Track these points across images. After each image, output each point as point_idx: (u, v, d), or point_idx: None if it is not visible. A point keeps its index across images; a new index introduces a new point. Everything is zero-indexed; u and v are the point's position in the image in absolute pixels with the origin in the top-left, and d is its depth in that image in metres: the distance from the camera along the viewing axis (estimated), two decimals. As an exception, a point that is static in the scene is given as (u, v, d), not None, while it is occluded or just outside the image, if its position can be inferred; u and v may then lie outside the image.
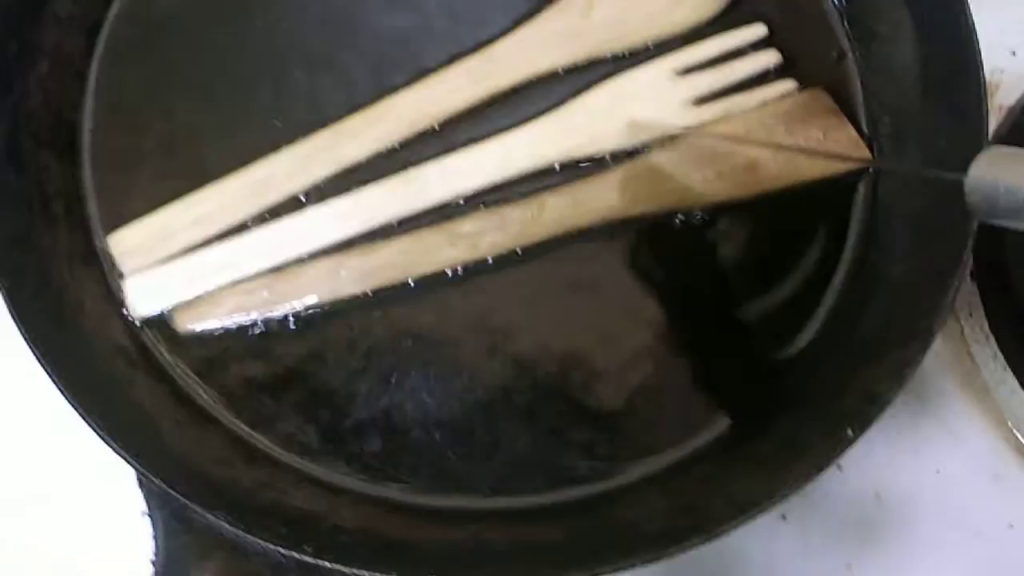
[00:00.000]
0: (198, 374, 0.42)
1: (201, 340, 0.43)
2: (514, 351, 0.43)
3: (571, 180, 0.44)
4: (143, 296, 0.43)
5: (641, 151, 0.45)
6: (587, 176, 0.45)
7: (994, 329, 0.47)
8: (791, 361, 0.43)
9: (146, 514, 0.39)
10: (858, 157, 0.45)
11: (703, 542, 0.36)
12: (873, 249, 0.45)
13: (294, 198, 0.44)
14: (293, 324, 0.43)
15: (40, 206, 0.43)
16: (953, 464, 0.46)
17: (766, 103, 0.46)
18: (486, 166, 0.44)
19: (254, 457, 0.41)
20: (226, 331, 0.43)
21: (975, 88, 0.41)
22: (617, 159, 0.45)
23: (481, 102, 0.45)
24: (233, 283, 0.43)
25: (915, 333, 0.39)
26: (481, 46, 0.46)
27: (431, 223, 0.44)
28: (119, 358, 0.42)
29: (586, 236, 0.44)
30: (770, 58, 0.47)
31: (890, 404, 0.38)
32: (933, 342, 0.39)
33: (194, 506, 0.37)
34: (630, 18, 0.46)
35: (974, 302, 0.48)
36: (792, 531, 0.45)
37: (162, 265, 0.43)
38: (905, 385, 0.38)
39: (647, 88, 0.46)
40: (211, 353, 0.43)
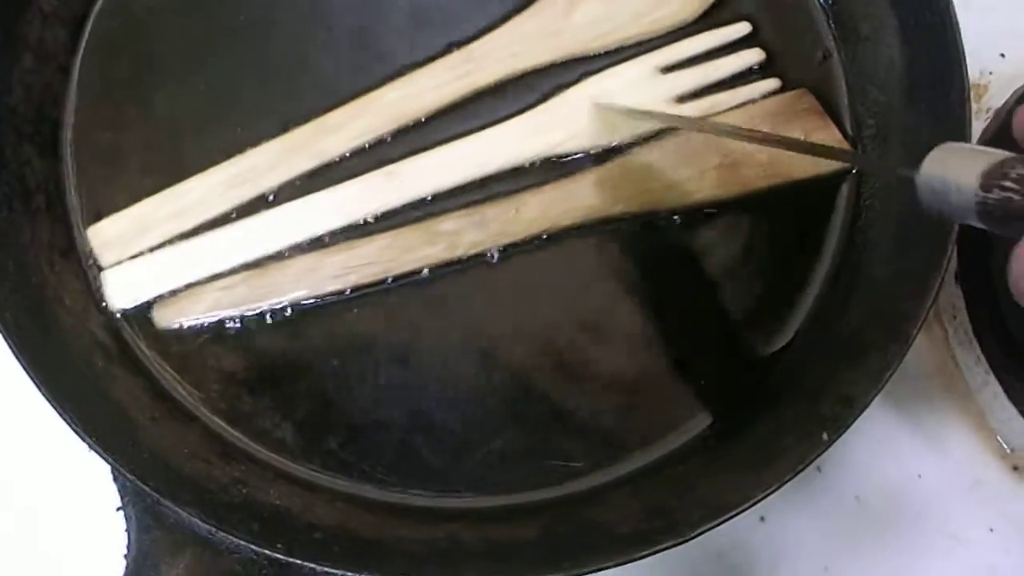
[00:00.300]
0: (176, 370, 0.42)
1: (180, 336, 0.43)
2: (491, 351, 0.43)
3: (551, 179, 0.44)
4: (121, 288, 0.43)
5: (622, 150, 0.45)
6: (567, 176, 0.44)
7: (978, 333, 0.46)
8: (769, 363, 0.43)
9: (120, 509, 0.39)
10: (828, 154, 0.44)
11: (676, 544, 0.37)
12: (855, 250, 0.44)
13: (274, 192, 0.44)
14: (272, 321, 0.43)
15: (21, 200, 0.43)
16: (934, 468, 0.46)
17: (751, 102, 0.46)
18: (465, 161, 0.44)
19: (230, 453, 0.41)
20: (205, 327, 0.43)
21: (959, 90, 0.41)
22: (599, 159, 0.45)
23: (463, 99, 0.45)
24: (213, 278, 0.43)
25: (894, 336, 0.39)
26: (463, 43, 0.46)
27: (411, 221, 0.44)
28: (97, 353, 0.42)
29: (565, 236, 0.44)
30: (753, 56, 0.46)
31: (866, 408, 0.38)
32: (912, 346, 0.39)
33: (166, 502, 0.37)
34: (613, 17, 0.46)
35: (958, 305, 0.47)
36: (771, 532, 0.45)
37: (141, 258, 0.43)
38: (882, 389, 0.38)
39: (629, 85, 0.46)
40: (190, 349, 0.43)
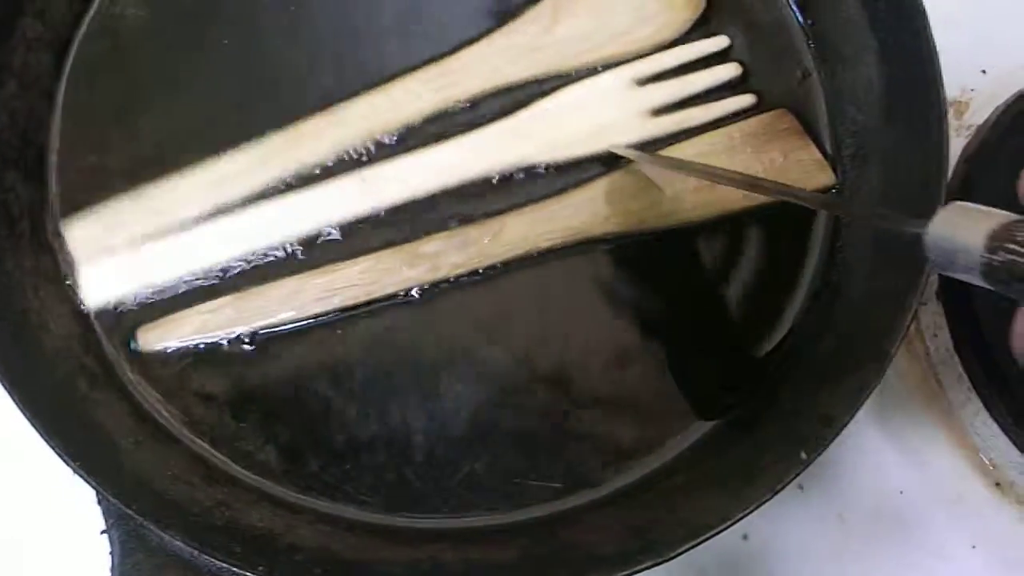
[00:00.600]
0: (160, 393, 0.43)
1: (164, 359, 0.43)
2: (473, 373, 0.43)
3: (532, 200, 0.45)
4: (97, 284, 0.43)
5: (602, 171, 0.45)
6: (548, 197, 0.45)
7: (959, 350, 0.47)
8: (749, 382, 0.43)
9: (105, 532, 0.39)
10: (823, 202, 0.45)
11: (657, 564, 0.37)
12: (834, 270, 0.45)
13: (250, 199, 0.44)
14: (256, 343, 0.43)
15: (6, 226, 0.43)
16: (917, 485, 0.46)
17: (729, 122, 0.46)
18: (440, 169, 0.44)
19: (213, 476, 0.41)
20: (189, 350, 0.43)
21: (937, 110, 0.41)
22: (579, 174, 0.45)
23: (442, 111, 0.45)
24: (197, 300, 0.43)
25: (873, 355, 0.39)
26: (444, 56, 0.46)
27: (393, 243, 0.44)
28: (81, 377, 0.42)
29: (546, 257, 0.44)
30: (729, 71, 0.47)
31: (845, 427, 0.38)
32: (891, 364, 0.39)
33: (149, 524, 0.37)
34: (594, 35, 0.47)
35: (939, 323, 0.47)
36: (753, 550, 0.45)
37: (117, 255, 0.43)
38: (860, 408, 0.38)
39: (604, 96, 0.46)
40: (174, 372, 0.43)
